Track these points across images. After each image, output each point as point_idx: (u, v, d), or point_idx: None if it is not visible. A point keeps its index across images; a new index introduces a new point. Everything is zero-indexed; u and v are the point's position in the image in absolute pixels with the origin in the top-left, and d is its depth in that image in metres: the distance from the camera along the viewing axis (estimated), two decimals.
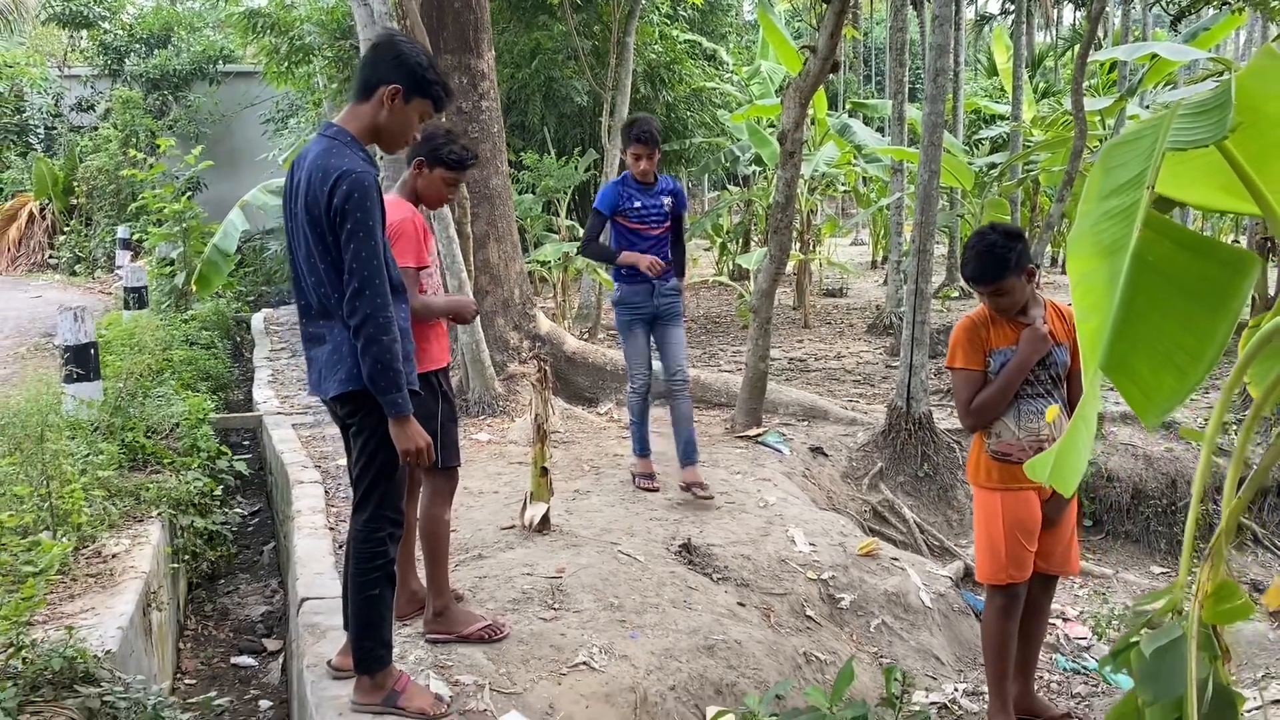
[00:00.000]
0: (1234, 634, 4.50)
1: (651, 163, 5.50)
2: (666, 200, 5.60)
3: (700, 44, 17.21)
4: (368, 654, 3.24)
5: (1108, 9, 14.97)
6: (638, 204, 5.54)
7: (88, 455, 5.17)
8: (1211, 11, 11.58)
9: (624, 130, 5.67)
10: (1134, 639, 2.38)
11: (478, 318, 5.18)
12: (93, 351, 6.25)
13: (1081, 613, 5.89)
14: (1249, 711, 3.58)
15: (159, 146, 13.86)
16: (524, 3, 13.10)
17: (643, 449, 5.95)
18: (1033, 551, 3.85)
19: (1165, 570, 6.59)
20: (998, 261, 3.61)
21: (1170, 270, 1.89)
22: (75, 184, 17.65)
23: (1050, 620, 5.89)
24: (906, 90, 12.37)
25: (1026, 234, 4.41)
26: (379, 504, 3.20)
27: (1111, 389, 3.88)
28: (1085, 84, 17.41)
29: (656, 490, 5.81)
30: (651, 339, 5.77)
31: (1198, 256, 1.89)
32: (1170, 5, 13.27)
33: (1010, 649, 3.96)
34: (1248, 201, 1.96)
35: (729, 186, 20.24)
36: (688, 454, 5.73)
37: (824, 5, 5.86)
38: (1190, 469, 6.83)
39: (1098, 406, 2.07)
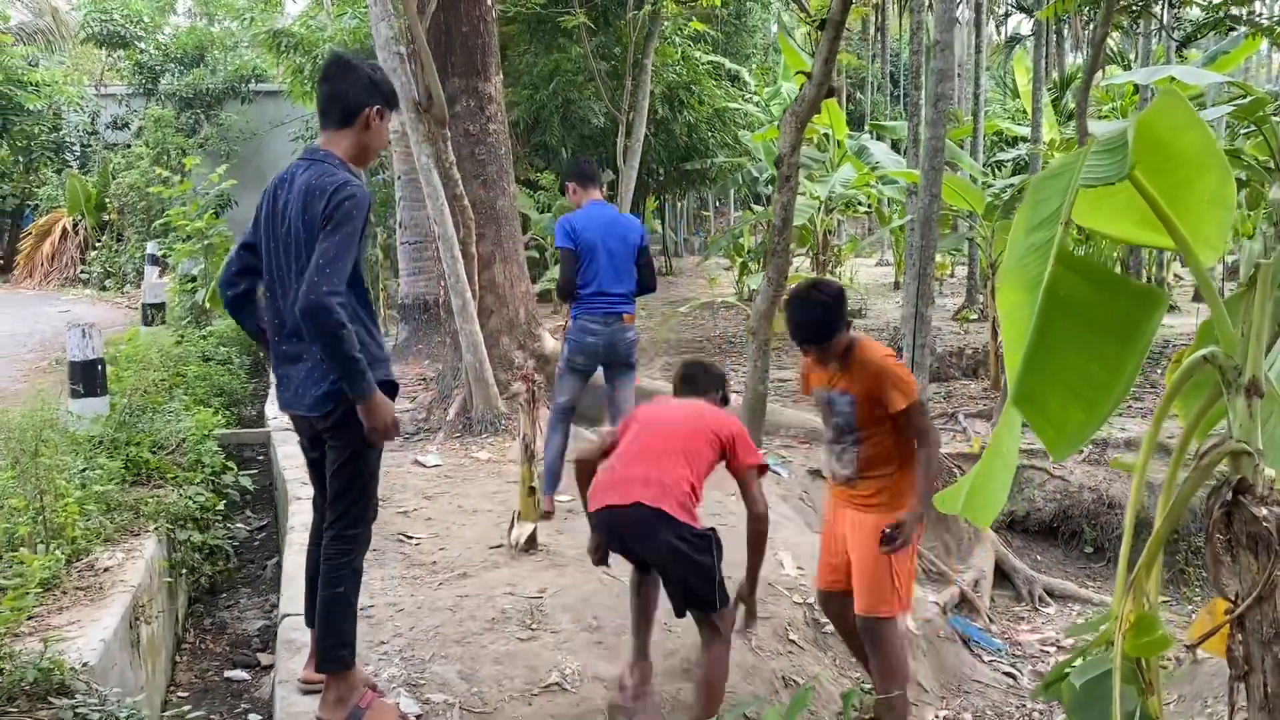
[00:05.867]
0: (1195, 669, 4.46)
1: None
2: None
3: (723, 65, 17.31)
4: (329, 653, 3.31)
5: (1138, 33, 14.87)
6: None
7: (85, 470, 5.27)
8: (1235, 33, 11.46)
9: None
10: (1066, 670, 2.39)
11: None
12: (99, 368, 6.37)
13: (1076, 642, 5.84)
14: None
15: (187, 164, 14.13)
16: (543, 25, 13.27)
17: None
18: None
19: (1166, 599, 6.52)
20: (823, 325, 3.65)
21: (1081, 306, 1.91)
22: (108, 200, 17.99)
23: (1045, 647, 5.87)
24: (923, 112, 12.31)
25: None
26: (353, 508, 3.34)
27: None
28: (1106, 106, 17.29)
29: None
30: None
31: (1108, 293, 1.91)
32: (1176, 31, 13.17)
33: None
34: (1164, 235, 1.97)
35: (753, 206, 20.28)
36: None
37: (820, 33, 5.90)
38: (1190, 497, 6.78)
39: (1016, 440, 2.08)
